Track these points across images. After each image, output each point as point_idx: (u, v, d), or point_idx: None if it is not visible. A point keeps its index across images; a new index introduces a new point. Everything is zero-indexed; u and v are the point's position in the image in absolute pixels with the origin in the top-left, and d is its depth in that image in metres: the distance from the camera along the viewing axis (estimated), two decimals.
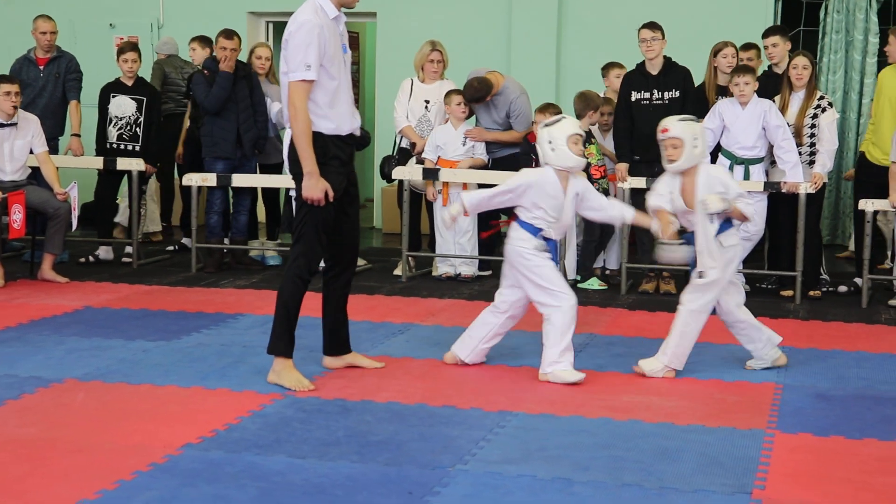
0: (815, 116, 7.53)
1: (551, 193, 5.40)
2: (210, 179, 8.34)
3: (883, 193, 7.41)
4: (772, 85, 7.84)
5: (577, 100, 8.02)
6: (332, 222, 5.21)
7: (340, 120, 5.15)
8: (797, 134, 7.54)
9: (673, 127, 5.42)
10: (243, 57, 8.69)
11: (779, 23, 10.37)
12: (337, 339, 5.49)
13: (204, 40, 9.24)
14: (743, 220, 5.53)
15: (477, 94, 8.19)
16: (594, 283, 7.96)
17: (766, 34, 8.15)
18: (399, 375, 5.37)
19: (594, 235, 8.02)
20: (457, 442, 4.40)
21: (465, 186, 8.13)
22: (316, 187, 5.04)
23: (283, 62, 5.08)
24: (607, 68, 8.68)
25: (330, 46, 5.04)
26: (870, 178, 7.77)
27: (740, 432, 4.59)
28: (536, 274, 5.40)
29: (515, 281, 5.51)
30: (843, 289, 7.89)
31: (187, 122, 9.17)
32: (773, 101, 7.58)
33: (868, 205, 7.40)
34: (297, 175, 5.15)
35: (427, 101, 8.41)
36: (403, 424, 4.61)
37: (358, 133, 5.29)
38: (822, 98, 7.60)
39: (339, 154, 5.16)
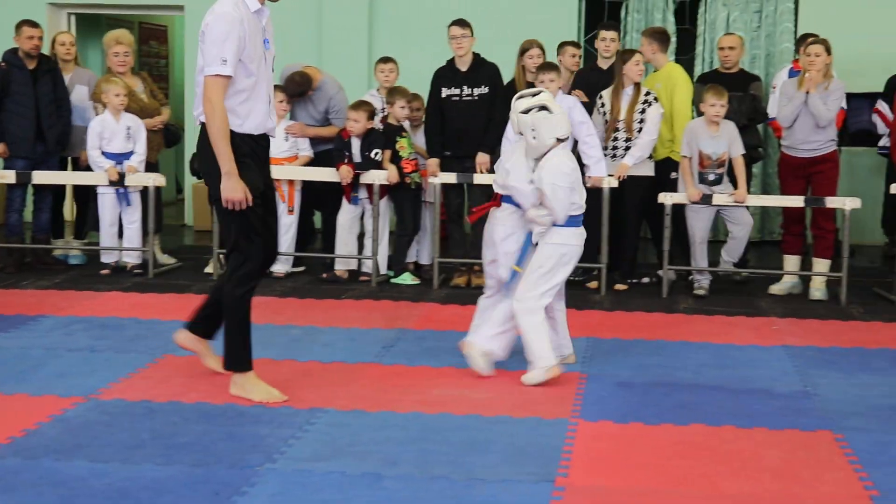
0: (643, 111, 7.76)
1: None
2: (8, 177, 8.02)
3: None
4: (595, 78, 8.05)
5: (387, 93, 8.08)
6: (263, 222, 4.96)
7: (255, 119, 4.92)
8: (627, 129, 7.75)
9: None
10: (45, 50, 8.37)
11: (583, 21, 10.69)
12: (210, 323, 5.25)
13: None
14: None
15: (299, 89, 8.16)
16: (407, 278, 8.02)
17: (607, 28, 8.32)
18: (208, 375, 5.26)
19: (407, 230, 8.08)
20: (266, 441, 4.37)
21: (290, 184, 8.07)
22: (236, 188, 4.78)
23: (200, 56, 4.83)
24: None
25: (250, 41, 4.82)
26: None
27: (546, 422, 4.71)
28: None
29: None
30: (646, 280, 8.18)
31: None
32: (602, 93, 7.80)
33: (667, 198, 7.70)
34: (209, 175, 4.90)
35: None
36: (211, 425, 4.55)
37: (273, 135, 5.10)
38: (648, 94, 7.83)
39: (253, 152, 4.93)
